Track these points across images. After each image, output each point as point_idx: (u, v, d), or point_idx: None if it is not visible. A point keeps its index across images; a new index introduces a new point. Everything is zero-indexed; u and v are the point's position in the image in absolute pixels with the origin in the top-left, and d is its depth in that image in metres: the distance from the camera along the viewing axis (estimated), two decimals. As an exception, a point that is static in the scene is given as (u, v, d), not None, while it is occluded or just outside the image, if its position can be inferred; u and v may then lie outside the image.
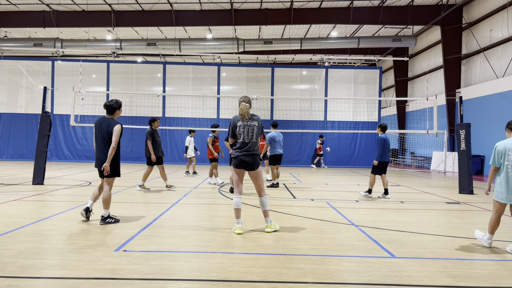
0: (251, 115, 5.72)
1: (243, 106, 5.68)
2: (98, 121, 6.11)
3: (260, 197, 5.79)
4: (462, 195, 10.46)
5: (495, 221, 5.02)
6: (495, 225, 5.02)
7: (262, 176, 5.87)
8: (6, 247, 4.62)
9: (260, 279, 3.75)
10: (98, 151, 6.05)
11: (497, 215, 5.02)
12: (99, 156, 6.02)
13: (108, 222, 5.99)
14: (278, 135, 11.53)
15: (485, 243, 5.06)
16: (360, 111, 22.79)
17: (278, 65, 27.26)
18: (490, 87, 17.85)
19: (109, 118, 6.09)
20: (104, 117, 6.12)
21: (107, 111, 6.14)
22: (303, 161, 22.51)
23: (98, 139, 6.03)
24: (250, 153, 5.65)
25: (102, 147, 6.00)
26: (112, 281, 3.62)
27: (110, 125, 5.99)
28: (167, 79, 23.01)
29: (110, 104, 6.10)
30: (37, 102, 22.05)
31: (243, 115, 5.65)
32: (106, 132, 5.98)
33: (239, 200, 5.69)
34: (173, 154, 22.56)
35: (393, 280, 3.80)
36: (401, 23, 20.93)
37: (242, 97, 5.78)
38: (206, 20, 21.35)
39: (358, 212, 7.56)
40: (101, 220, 6.00)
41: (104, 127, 5.99)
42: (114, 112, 6.16)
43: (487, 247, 5.05)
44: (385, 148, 9.53)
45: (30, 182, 11.07)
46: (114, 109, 6.14)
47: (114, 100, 6.14)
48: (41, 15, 21.43)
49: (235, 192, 5.78)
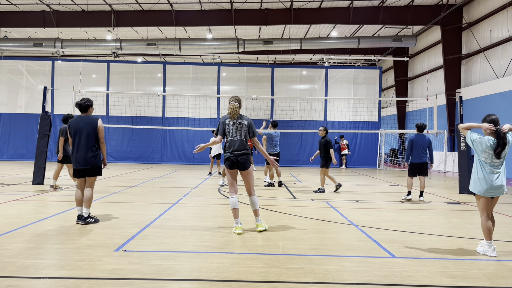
0: (240, 115, 5.74)
1: (231, 105, 5.70)
2: (75, 121, 6.06)
3: (250, 196, 5.80)
4: (462, 195, 10.47)
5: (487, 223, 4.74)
6: (490, 228, 4.74)
7: (253, 175, 5.88)
8: (6, 247, 4.62)
9: (260, 279, 3.75)
10: (80, 150, 5.95)
11: (485, 215, 4.80)
12: (83, 154, 5.93)
13: (88, 222, 5.95)
14: (277, 135, 11.57)
15: (491, 253, 4.68)
16: (360, 111, 22.79)
17: (278, 65, 27.26)
18: (490, 87, 17.85)
19: (86, 116, 6.13)
20: (80, 116, 6.11)
21: (80, 110, 6.17)
22: (303, 161, 22.50)
23: (79, 138, 5.96)
24: (241, 153, 5.65)
25: (86, 144, 5.94)
26: (112, 281, 3.62)
27: (93, 121, 6.03)
28: (167, 79, 23.01)
29: (83, 102, 6.14)
30: (37, 102, 22.04)
31: (231, 114, 5.66)
32: (91, 128, 5.98)
33: (235, 200, 5.70)
34: (173, 154, 22.56)
35: (393, 280, 3.79)
36: (401, 23, 20.92)
37: (232, 97, 5.79)
38: (206, 20, 21.35)
39: (358, 212, 7.55)
40: (82, 219, 5.92)
41: (86, 125, 5.98)
42: (88, 110, 6.21)
43: (495, 256, 4.66)
44: (414, 149, 9.17)
45: (30, 182, 11.08)
46: (87, 107, 6.18)
47: (85, 99, 6.22)
48: (41, 15, 21.43)
49: (231, 192, 5.78)
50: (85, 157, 5.95)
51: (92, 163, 5.98)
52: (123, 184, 11.53)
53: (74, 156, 6.00)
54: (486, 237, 4.77)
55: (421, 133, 9.38)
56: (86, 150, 5.96)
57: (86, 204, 6.01)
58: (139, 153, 22.47)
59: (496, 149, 4.66)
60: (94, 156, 5.99)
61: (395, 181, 14.38)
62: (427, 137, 9.36)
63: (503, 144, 4.64)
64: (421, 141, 9.20)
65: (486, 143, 4.75)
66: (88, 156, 5.95)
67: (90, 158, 5.96)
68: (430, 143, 9.31)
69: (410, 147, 9.27)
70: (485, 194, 4.75)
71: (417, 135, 9.31)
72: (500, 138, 4.65)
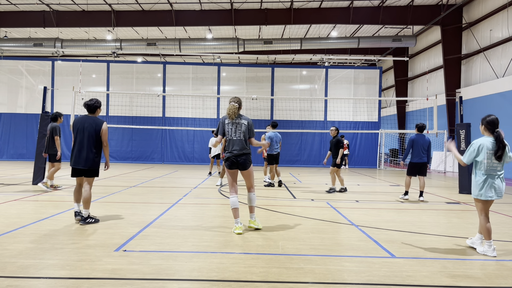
0: (239, 115, 5.79)
1: (231, 105, 5.76)
2: (79, 120, 6.07)
3: (249, 192, 5.90)
4: (462, 195, 10.46)
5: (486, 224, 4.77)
6: (489, 228, 4.75)
7: (253, 174, 5.94)
8: (6, 247, 4.62)
9: (260, 279, 3.75)
10: (81, 149, 5.96)
11: (483, 215, 4.82)
12: (83, 154, 5.94)
13: (88, 222, 5.95)
14: (276, 135, 11.63)
15: (491, 253, 4.68)
16: (360, 111, 22.80)
17: (278, 65, 27.25)
18: (490, 87, 17.85)
19: (92, 117, 6.12)
20: (86, 116, 6.12)
21: (88, 110, 6.17)
22: (303, 161, 22.51)
23: (81, 138, 5.97)
24: (241, 153, 5.70)
25: (87, 145, 5.95)
26: (112, 281, 3.62)
27: (98, 124, 6.02)
28: (167, 79, 23.01)
29: (92, 103, 6.14)
30: (37, 102, 22.06)
31: (230, 114, 5.72)
32: (93, 130, 5.98)
33: (235, 200, 5.74)
34: (173, 154, 22.57)
35: (393, 280, 3.79)
36: (401, 23, 20.92)
37: (232, 98, 5.85)
38: (206, 20, 21.35)
39: (358, 212, 7.55)
40: (82, 220, 5.94)
41: (90, 126, 5.98)
42: (96, 111, 6.20)
43: (495, 256, 4.66)
44: (415, 148, 9.24)
45: (30, 182, 11.07)
46: (95, 108, 6.18)
47: (94, 99, 6.20)
48: (41, 15, 21.43)
49: (231, 192, 5.83)
50: (85, 157, 5.95)
51: (90, 164, 5.98)
52: (123, 184, 11.53)
53: (74, 155, 6.01)
54: (486, 237, 4.77)
55: (421, 133, 9.43)
56: (86, 151, 5.96)
57: (84, 205, 6.01)
58: (139, 153, 22.48)
59: (497, 152, 4.68)
60: (93, 157, 5.99)
61: (395, 181, 14.38)
62: (427, 137, 9.42)
63: (502, 147, 4.67)
64: (422, 141, 9.26)
65: (486, 145, 4.75)
66: (87, 157, 5.96)
67: (89, 160, 5.97)
68: (430, 143, 9.39)
69: (410, 146, 9.32)
70: (484, 198, 4.76)
71: (418, 135, 9.36)
72: (499, 141, 4.67)
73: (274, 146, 11.56)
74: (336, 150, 10.37)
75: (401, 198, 9.53)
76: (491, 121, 4.83)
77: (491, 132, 4.82)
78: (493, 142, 4.74)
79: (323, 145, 22.63)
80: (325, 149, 22.47)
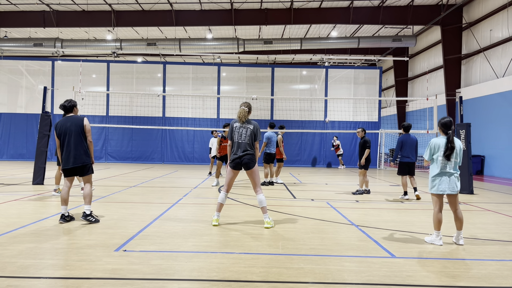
0: (248, 119, 6.12)
1: (241, 109, 6.13)
2: (62, 123, 6.12)
3: (256, 194, 6.08)
4: (462, 195, 10.45)
5: (437, 214, 5.24)
6: (440, 219, 5.21)
7: (258, 174, 6.15)
8: (6, 247, 4.62)
9: (260, 279, 3.75)
10: (70, 149, 6.00)
11: (437, 208, 5.25)
12: (74, 153, 5.98)
13: (89, 220, 5.97)
14: (274, 136, 11.78)
15: (438, 242, 5.13)
16: (360, 111, 22.79)
17: (278, 65, 27.25)
18: (490, 87, 17.84)
19: (72, 116, 6.22)
20: (66, 117, 6.19)
21: (65, 111, 6.29)
22: (303, 161, 22.51)
23: (69, 139, 6.01)
24: (245, 154, 5.99)
25: (75, 143, 6.00)
26: (112, 281, 3.62)
27: (79, 120, 6.12)
28: (167, 79, 23.01)
29: (67, 103, 6.28)
30: (37, 102, 22.05)
31: (240, 118, 6.09)
32: (78, 127, 6.05)
33: (224, 196, 6.08)
34: (173, 154, 22.57)
35: (393, 280, 3.79)
36: (401, 23, 20.92)
37: (243, 103, 6.22)
38: (206, 20, 21.35)
39: (358, 212, 7.56)
40: (83, 216, 5.97)
41: (73, 124, 6.05)
42: (73, 110, 6.35)
43: (441, 245, 5.09)
44: (405, 148, 9.43)
45: (30, 182, 11.07)
46: (72, 107, 6.33)
47: (69, 99, 6.37)
48: (41, 15, 21.42)
49: (224, 188, 6.13)
50: (75, 155, 6.01)
51: (82, 161, 6.05)
52: (123, 184, 11.53)
53: (64, 156, 6.06)
54: (435, 227, 5.20)
55: (408, 133, 9.61)
56: (76, 149, 6.02)
57: (86, 200, 6.06)
58: (139, 153, 22.47)
59: (445, 151, 5.09)
60: (83, 154, 6.07)
61: (395, 181, 14.38)
62: (414, 137, 9.64)
63: (451, 148, 5.08)
64: (411, 141, 9.51)
65: (440, 144, 5.16)
66: (78, 154, 6.02)
67: (81, 156, 6.04)
68: (417, 143, 9.65)
69: (400, 147, 9.53)
70: (436, 191, 5.20)
71: (405, 135, 9.57)
72: (449, 142, 5.10)
73: (271, 146, 11.80)
74: (363, 151, 10.29)
75: (401, 198, 9.56)
76: (444, 123, 5.25)
77: (445, 133, 5.24)
78: (445, 142, 5.14)
79: (323, 145, 22.62)
80: (325, 149, 22.48)
